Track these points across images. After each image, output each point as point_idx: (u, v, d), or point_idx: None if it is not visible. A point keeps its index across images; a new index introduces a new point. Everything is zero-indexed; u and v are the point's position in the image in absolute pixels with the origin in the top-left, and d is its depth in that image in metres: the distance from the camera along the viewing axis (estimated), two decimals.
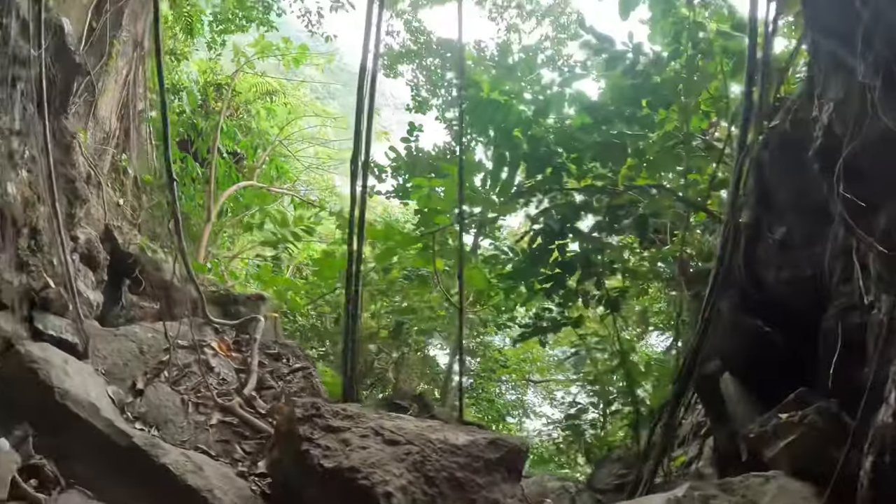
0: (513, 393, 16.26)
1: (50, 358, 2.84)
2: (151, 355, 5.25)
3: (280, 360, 6.30)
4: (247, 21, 14.37)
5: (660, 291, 8.50)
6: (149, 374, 4.92)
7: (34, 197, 5.35)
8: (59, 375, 2.77)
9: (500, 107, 5.80)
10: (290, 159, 14.65)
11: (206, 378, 4.97)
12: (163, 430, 4.24)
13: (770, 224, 4.52)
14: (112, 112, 10.01)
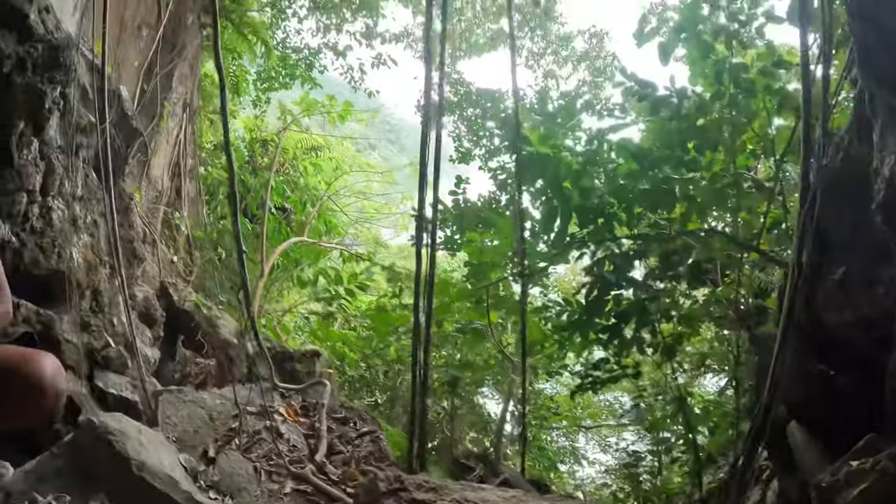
0: (564, 440, 16.00)
1: (125, 429, 2.90)
2: (221, 422, 5.30)
3: (347, 423, 6.31)
4: (290, 79, 14.83)
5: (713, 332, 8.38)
6: (220, 442, 4.96)
7: (96, 260, 5.54)
8: (135, 447, 2.82)
9: (549, 160, 5.86)
10: (336, 213, 14.90)
11: (277, 445, 4.97)
12: (237, 498, 4.24)
13: (828, 264, 4.43)
14: (164, 171, 10.36)
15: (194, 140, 11.82)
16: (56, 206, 4.74)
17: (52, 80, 4.42)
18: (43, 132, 4.47)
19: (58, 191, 4.77)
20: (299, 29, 15.25)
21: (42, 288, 4.63)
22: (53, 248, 4.65)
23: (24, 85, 4.28)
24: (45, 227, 4.64)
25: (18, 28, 4.29)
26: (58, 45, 4.43)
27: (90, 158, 5.28)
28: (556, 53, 16.37)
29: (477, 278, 6.63)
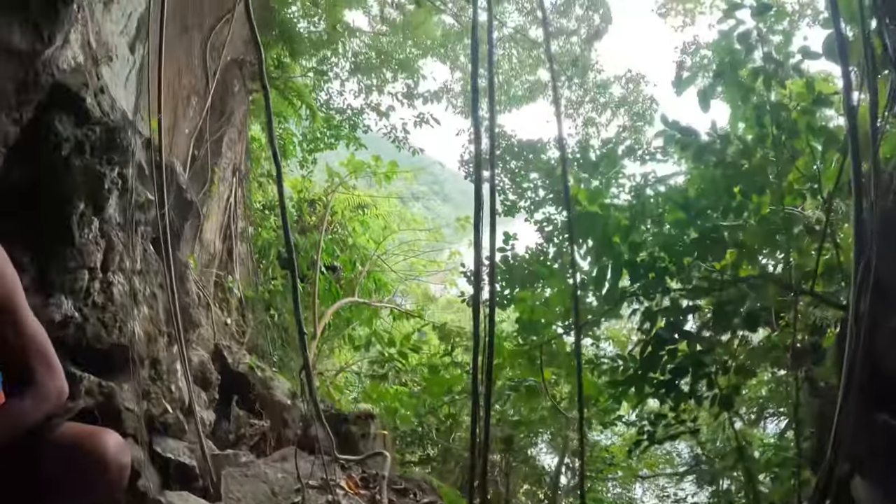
0: (621, 489, 15.64)
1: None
2: (283, 496, 5.34)
3: (407, 495, 6.29)
4: (335, 139, 15.20)
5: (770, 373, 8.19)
6: None
7: (155, 331, 5.67)
8: None
9: (597, 218, 5.88)
10: (385, 270, 15.06)
11: None
12: None
13: (886, 311, 4.31)
14: (216, 234, 10.64)
15: (244, 202, 12.14)
16: (116, 280, 4.89)
17: (110, 161, 4.60)
18: (103, 211, 4.64)
19: (118, 266, 4.93)
20: (342, 90, 15.71)
21: (104, 360, 4.75)
22: (115, 323, 4.78)
23: (83, 167, 4.47)
24: (106, 302, 4.79)
25: (76, 112, 4.51)
26: (114, 126, 4.63)
27: (147, 233, 5.46)
28: (595, 101, 16.50)
29: (528, 334, 6.62)
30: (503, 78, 16.32)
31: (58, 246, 4.44)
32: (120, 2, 5.79)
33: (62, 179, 4.36)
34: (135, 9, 6.09)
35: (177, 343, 5.64)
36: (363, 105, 15.45)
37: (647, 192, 6.35)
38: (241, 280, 11.42)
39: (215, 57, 9.54)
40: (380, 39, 15.63)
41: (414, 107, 15.25)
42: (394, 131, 15.17)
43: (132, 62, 6.19)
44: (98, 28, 5.27)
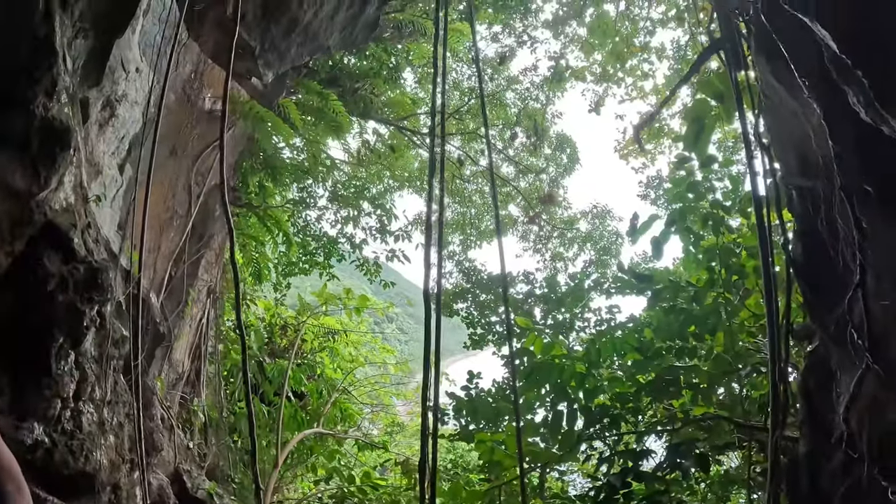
0: None
1: None
2: None
3: None
4: (309, 266, 15.50)
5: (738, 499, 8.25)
6: None
7: (119, 459, 5.72)
8: None
9: (553, 367, 6.11)
10: (352, 399, 15.02)
11: None
12: None
13: (827, 453, 4.53)
14: (185, 354, 10.65)
15: (217, 323, 12.23)
16: (86, 410, 5.00)
17: (91, 299, 4.83)
18: (80, 345, 4.83)
19: (89, 396, 5.06)
20: (319, 218, 16.19)
21: (69, 485, 4.81)
22: (82, 451, 4.87)
23: (66, 303, 4.69)
24: (75, 430, 4.89)
25: (63, 250, 4.77)
26: (98, 267, 4.89)
27: (119, 366, 5.61)
28: (563, 235, 17.10)
29: (493, 474, 6.70)
30: (474, 212, 16.96)
31: (35, 374, 4.59)
32: (114, 125, 6.17)
33: (45, 312, 4.57)
34: (128, 131, 6.49)
35: (138, 469, 5.67)
36: (338, 234, 15.90)
37: (606, 334, 6.62)
38: (206, 401, 11.36)
39: (200, 181, 9.85)
40: (358, 171, 16.26)
41: (386, 243, 15.72)
42: (366, 264, 15.53)
43: (120, 182, 6.53)
44: (91, 149, 5.61)
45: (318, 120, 12.10)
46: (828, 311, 3.43)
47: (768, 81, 3.70)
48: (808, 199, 3.52)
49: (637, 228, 6.44)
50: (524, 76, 16.45)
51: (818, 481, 4.61)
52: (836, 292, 3.23)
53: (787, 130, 3.79)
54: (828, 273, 3.37)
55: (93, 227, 5.36)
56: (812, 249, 3.66)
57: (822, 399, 4.53)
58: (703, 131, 5.97)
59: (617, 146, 15.28)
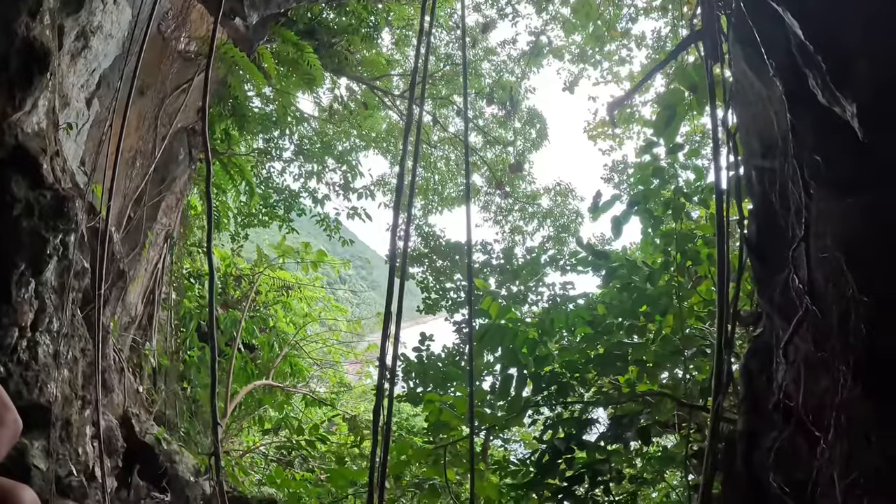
0: None
1: None
2: None
3: None
4: (269, 218, 15.42)
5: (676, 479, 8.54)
6: None
7: (72, 394, 5.72)
8: None
9: (507, 331, 6.24)
10: (303, 355, 15.07)
11: None
12: None
13: (762, 432, 4.75)
14: (139, 298, 10.57)
15: (171, 269, 12.13)
16: (43, 341, 4.99)
17: (56, 227, 4.79)
18: (41, 274, 4.79)
19: (46, 328, 5.03)
20: (283, 171, 16.07)
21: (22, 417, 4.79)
22: (36, 383, 4.86)
23: (30, 230, 4.65)
24: (30, 361, 4.88)
25: (32, 174, 4.72)
26: (64, 195, 4.85)
27: (78, 298, 5.58)
28: (523, 210, 17.25)
29: (436, 435, 6.84)
30: (438, 179, 16.99)
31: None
32: (87, 57, 6.06)
33: (8, 238, 4.52)
34: (99, 65, 6.37)
35: (90, 407, 5.69)
36: (301, 188, 15.81)
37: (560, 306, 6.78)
38: (157, 347, 11.31)
39: (166, 123, 9.72)
40: (326, 127, 16.16)
41: (349, 200, 15.68)
42: (327, 220, 15.50)
43: (87, 117, 6.42)
44: (61, 80, 5.52)
45: (292, 71, 11.98)
46: (774, 278, 3.63)
47: (741, 68, 3.88)
48: (766, 179, 3.73)
49: (599, 206, 6.58)
50: (502, 48, 16.49)
51: (752, 460, 4.85)
52: (784, 260, 3.44)
53: (753, 115, 3.98)
54: (777, 243, 3.58)
55: (61, 155, 5.30)
56: (765, 224, 3.88)
57: (762, 380, 4.75)
58: (673, 118, 6.12)
59: (587, 126, 15.44)
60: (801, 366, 3.43)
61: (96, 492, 5.89)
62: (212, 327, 3.34)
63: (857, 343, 2.88)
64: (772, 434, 4.64)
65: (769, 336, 4.68)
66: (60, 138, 5.41)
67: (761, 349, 4.82)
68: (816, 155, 3.02)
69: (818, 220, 3.13)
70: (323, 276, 16.98)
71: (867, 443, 2.84)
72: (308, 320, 15.42)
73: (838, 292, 2.97)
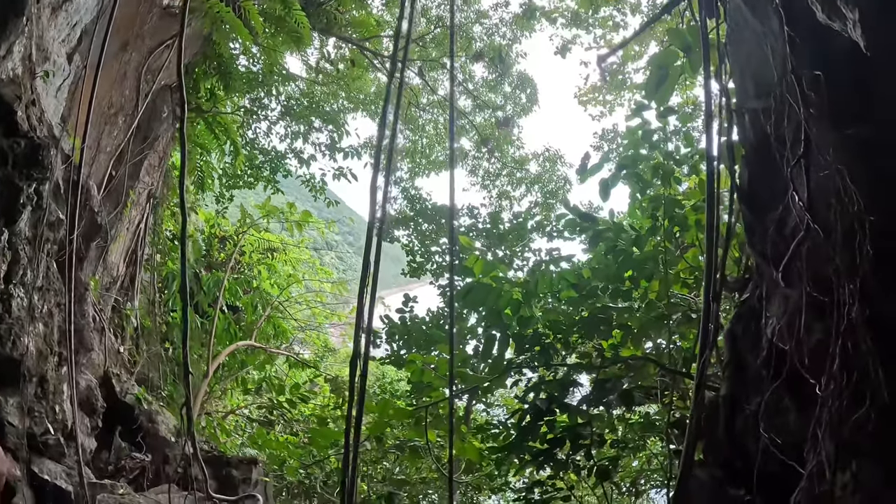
0: None
1: None
2: None
3: None
4: (255, 179, 15.23)
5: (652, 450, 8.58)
6: None
7: (47, 349, 5.62)
8: None
9: (491, 290, 6.17)
10: (287, 317, 15.00)
11: None
12: None
13: (746, 396, 4.73)
14: (121, 258, 10.42)
15: (154, 230, 11.98)
16: (17, 294, 4.88)
17: (30, 176, 4.66)
18: (14, 224, 4.67)
19: (20, 280, 4.92)
20: (269, 132, 15.84)
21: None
22: (10, 336, 4.76)
23: (3, 178, 4.52)
24: (3, 314, 4.77)
25: (6, 123, 4.57)
26: (39, 143, 4.71)
27: (53, 251, 5.46)
28: (511, 175, 17.15)
29: (419, 396, 6.81)
30: (426, 142, 16.83)
31: None
32: (68, 10, 5.86)
33: None
34: (80, 19, 6.17)
35: (67, 364, 5.59)
36: (287, 149, 15.61)
37: (545, 269, 6.70)
38: (139, 308, 11.20)
39: (149, 80, 9.50)
40: (314, 87, 15.91)
41: (335, 160, 15.50)
42: (313, 180, 15.34)
43: (67, 72, 6.24)
44: (41, 33, 5.34)
45: (279, 29, 11.72)
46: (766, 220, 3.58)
47: (737, 5, 3.80)
48: (760, 120, 3.67)
49: (588, 168, 6.49)
50: (494, 11, 16.24)
51: (734, 425, 4.84)
52: (777, 196, 3.41)
53: (748, 54, 3.94)
54: (771, 180, 3.56)
55: (37, 105, 5.13)
56: (757, 166, 3.84)
57: (746, 344, 4.73)
58: (665, 80, 6.00)
59: (578, 91, 15.32)
60: (795, 313, 3.37)
61: (74, 451, 5.82)
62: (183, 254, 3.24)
63: (864, 262, 2.83)
64: (755, 399, 4.62)
65: (755, 299, 4.64)
66: (38, 89, 5.24)
67: (746, 314, 4.79)
68: (814, 86, 2.98)
69: (818, 147, 3.08)
70: (309, 238, 16.87)
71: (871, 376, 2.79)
72: (292, 281, 15.33)
73: (842, 209, 2.92)
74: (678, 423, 6.29)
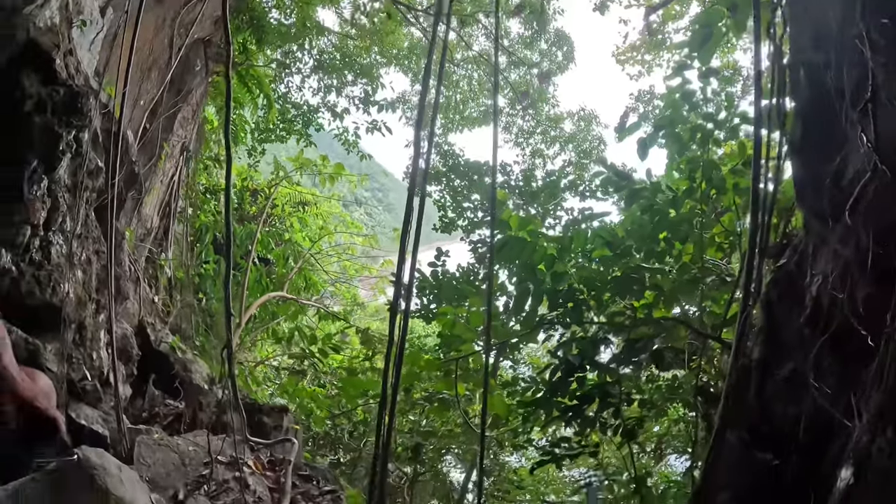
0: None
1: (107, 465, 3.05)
2: (192, 468, 5.40)
3: (310, 481, 6.40)
4: (287, 133, 15.23)
5: (679, 414, 8.57)
6: (189, 486, 5.06)
7: (85, 296, 5.73)
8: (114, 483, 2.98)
9: (526, 244, 6.13)
10: (317, 270, 15.11)
11: (244, 495, 5.07)
12: None
13: (778, 361, 4.69)
14: (155, 210, 10.54)
15: (188, 182, 12.08)
16: (56, 241, 4.96)
17: (69, 123, 4.69)
18: (54, 171, 4.72)
19: (59, 227, 5.00)
20: (301, 86, 15.78)
21: (33, 317, 4.81)
22: (49, 282, 4.85)
23: (42, 125, 4.55)
24: (43, 260, 4.85)
25: (44, 71, 4.60)
26: (78, 91, 4.73)
27: (92, 199, 5.53)
28: (546, 133, 16.95)
29: (448, 350, 6.84)
30: (460, 97, 16.67)
31: (6, 199, 4.50)
32: None
33: (20, 134, 4.44)
34: None
35: (105, 311, 5.69)
36: (320, 104, 15.56)
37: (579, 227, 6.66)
38: (173, 260, 11.35)
39: (182, 33, 9.48)
40: (346, 42, 15.79)
41: (369, 113, 15.43)
42: (345, 134, 15.30)
43: (101, 25, 6.25)
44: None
45: None
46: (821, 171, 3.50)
47: None
48: (818, 72, 3.59)
49: (626, 127, 6.39)
50: None
51: (764, 391, 4.81)
52: (833, 151, 3.32)
53: (805, 6, 3.85)
54: (826, 137, 3.45)
55: (74, 55, 5.15)
56: (812, 117, 3.71)
57: (782, 308, 4.67)
58: (710, 39, 5.86)
59: (616, 50, 15.02)
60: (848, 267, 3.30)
61: (110, 398, 5.94)
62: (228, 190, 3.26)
63: None
64: (788, 365, 4.58)
65: (794, 263, 4.57)
66: (74, 40, 5.25)
67: (783, 279, 4.73)
68: (884, 33, 2.91)
69: (887, 95, 2.97)
70: (339, 193, 16.90)
71: None
72: (324, 234, 15.40)
73: None
74: (704, 390, 6.27)
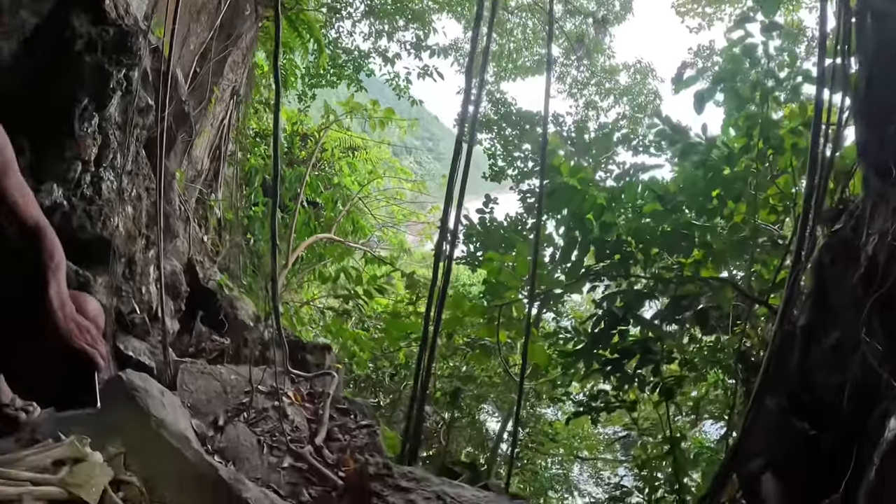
0: (559, 468, 16.07)
1: (149, 388, 3.12)
2: (233, 396, 5.52)
3: (348, 415, 6.50)
4: (337, 78, 15.17)
5: (718, 378, 8.50)
6: (229, 413, 5.18)
7: (135, 231, 5.84)
8: (156, 405, 3.04)
9: (575, 192, 6.04)
10: (365, 214, 15.19)
11: (282, 424, 5.18)
12: (238, 466, 4.45)
13: (825, 328, 4.58)
14: (205, 152, 10.66)
15: (238, 126, 12.16)
16: (106, 177, 5.04)
17: (119, 62, 4.72)
18: (104, 109, 4.77)
19: (110, 163, 5.07)
20: (352, 31, 15.65)
21: (84, 251, 4.92)
22: (100, 217, 4.95)
23: (93, 64, 4.59)
24: (94, 195, 4.94)
25: (94, 10, 4.61)
26: (127, 30, 4.75)
27: (142, 137, 5.58)
28: (600, 85, 16.59)
29: (492, 297, 6.83)
30: (514, 46, 16.36)
31: (57, 135, 4.57)
32: None
33: (71, 73, 4.48)
34: None
35: (154, 247, 5.80)
36: (371, 49, 15.41)
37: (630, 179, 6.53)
38: (223, 201, 11.50)
39: None
40: None
41: (420, 59, 15.25)
42: (397, 79, 15.17)
43: None
44: None
45: None
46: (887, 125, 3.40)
47: None
48: (888, 21, 3.45)
49: (683, 79, 6.20)
50: None
51: (808, 357, 4.71)
52: None
53: None
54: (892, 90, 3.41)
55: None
56: (879, 73, 3.63)
57: (834, 273, 4.54)
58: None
59: (676, 1, 14.54)
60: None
61: (158, 332, 6.09)
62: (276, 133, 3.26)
63: None
64: (834, 332, 4.46)
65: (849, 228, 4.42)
66: None
67: (836, 244, 4.59)
68: None
69: None
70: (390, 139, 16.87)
71: None
72: (373, 178, 15.43)
73: None
74: (745, 356, 6.16)
